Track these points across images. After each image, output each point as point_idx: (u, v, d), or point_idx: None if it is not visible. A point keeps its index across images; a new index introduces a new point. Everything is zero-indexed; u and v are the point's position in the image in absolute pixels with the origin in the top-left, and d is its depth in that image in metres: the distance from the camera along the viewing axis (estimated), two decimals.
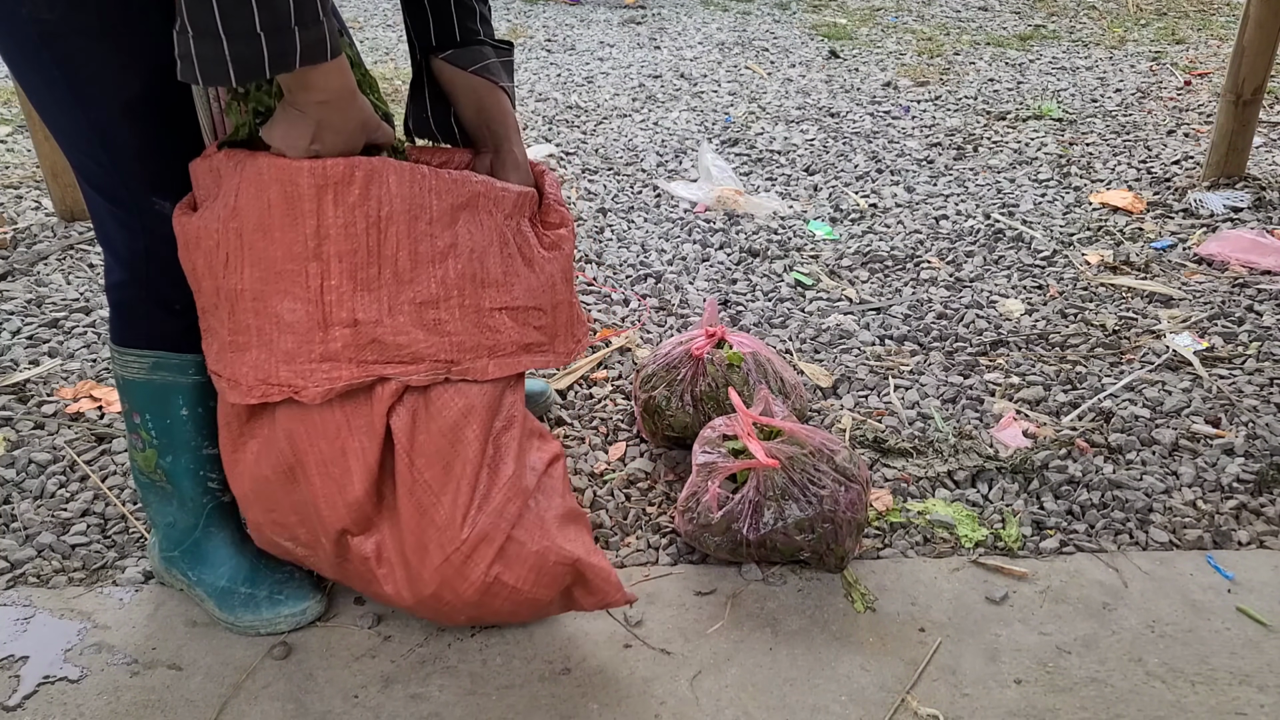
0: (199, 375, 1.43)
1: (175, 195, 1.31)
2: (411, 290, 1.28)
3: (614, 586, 1.41)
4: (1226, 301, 2.46)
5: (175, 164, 1.30)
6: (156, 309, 1.39)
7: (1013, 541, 1.69)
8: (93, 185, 1.33)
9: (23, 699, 1.40)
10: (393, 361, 1.28)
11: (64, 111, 1.26)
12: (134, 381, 1.43)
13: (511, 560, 1.35)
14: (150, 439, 1.46)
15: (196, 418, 1.46)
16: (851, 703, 1.40)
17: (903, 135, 3.67)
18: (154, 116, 1.27)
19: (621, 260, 2.75)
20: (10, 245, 2.75)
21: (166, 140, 1.29)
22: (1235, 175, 3.11)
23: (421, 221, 1.27)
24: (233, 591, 1.51)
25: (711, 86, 4.30)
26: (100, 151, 1.28)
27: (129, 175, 1.29)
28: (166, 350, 1.40)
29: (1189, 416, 2.03)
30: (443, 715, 1.38)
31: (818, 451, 1.62)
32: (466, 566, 1.33)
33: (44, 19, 1.18)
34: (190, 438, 1.47)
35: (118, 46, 1.22)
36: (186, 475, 1.49)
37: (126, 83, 1.23)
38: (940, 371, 2.20)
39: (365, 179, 1.23)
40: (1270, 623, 1.53)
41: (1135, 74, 4.35)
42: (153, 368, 1.41)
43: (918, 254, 2.76)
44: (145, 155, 1.28)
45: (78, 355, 2.25)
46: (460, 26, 1.47)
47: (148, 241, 1.33)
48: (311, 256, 1.24)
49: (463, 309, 1.31)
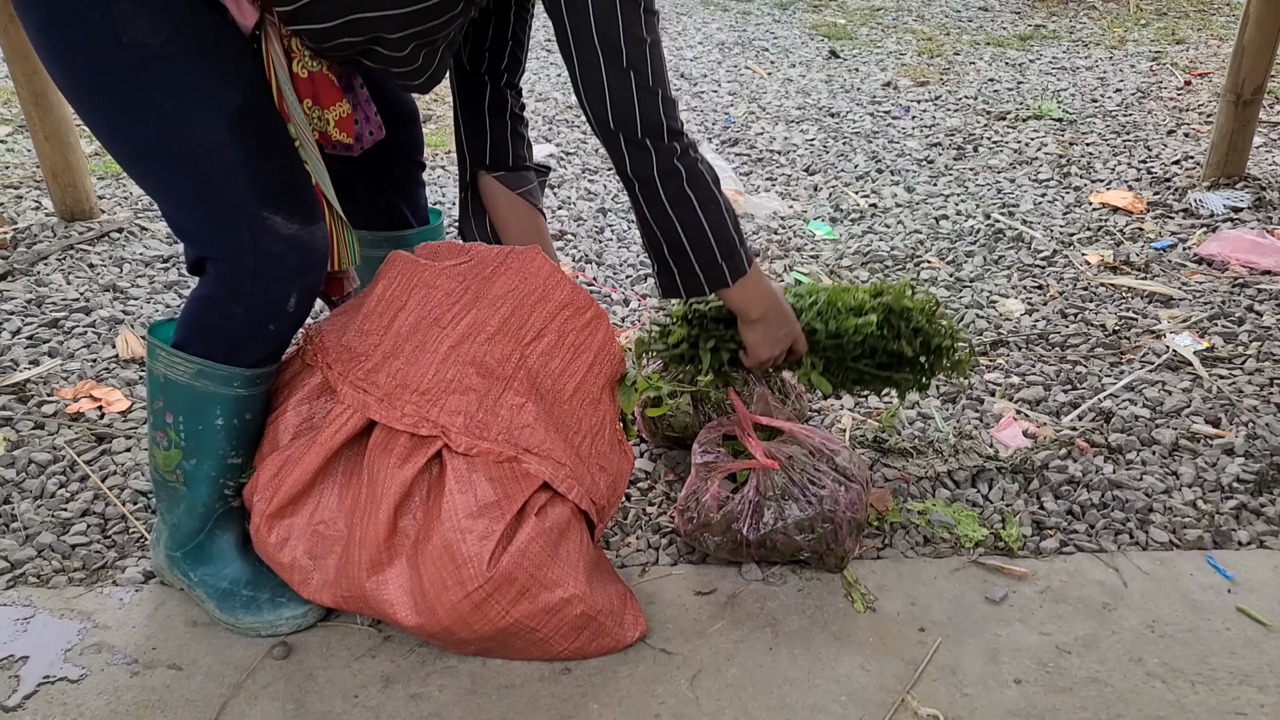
0: (243, 388, 1.45)
1: (284, 211, 1.35)
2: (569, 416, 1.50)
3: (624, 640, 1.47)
4: (1226, 301, 2.46)
5: (279, 178, 1.36)
6: (253, 331, 1.41)
7: (1013, 541, 1.69)
8: (195, 210, 1.35)
9: (23, 699, 1.40)
10: (535, 454, 1.44)
11: (170, 133, 1.29)
12: (175, 383, 1.43)
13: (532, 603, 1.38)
14: (178, 439, 1.46)
15: (231, 429, 1.47)
16: (851, 703, 1.40)
17: (903, 135, 3.67)
18: (256, 128, 1.33)
19: (621, 260, 2.75)
20: (10, 245, 2.75)
21: (269, 152, 1.35)
22: (1235, 175, 3.11)
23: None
24: (234, 594, 1.51)
25: (711, 86, 4.30)
26: (209, 171, 1.31)
27: (240, 187, 1.32)
28: (215, 361, 1.41)
29: (1189, 416, 2.03)
30: (443, 715, 1.38)
31: (818, 451, 1.62)
32: (486, 605, 1.37)
33: (148, 44, 1.24)
34: (219, 446, 1.47)
35: (219, 63, 1.30)
36: (205, 481, 1.49)
37: (229, 96, 1.29)
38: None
39: (595, 315, 1.51)
40: (1270, 623, 1.53)
41: (1135, 74, 4.35)
42: (196, 374, 1.42)
43: (918, 254, 2.76)
44: (252, 166, 1.32)
45: (78, 355, 2.25)
46: (514, 154, 1.66)
47: (257, 259, 1.35)
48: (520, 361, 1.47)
49: (596, 444, 1.52)
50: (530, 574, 1.38)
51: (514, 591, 1.37)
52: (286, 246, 1.36)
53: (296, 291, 1.40)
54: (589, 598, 1.42)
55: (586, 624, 1.42)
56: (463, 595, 1.36)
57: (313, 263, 1.40)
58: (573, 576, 1.41)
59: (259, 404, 1.50)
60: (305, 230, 1.37)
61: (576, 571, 1.42)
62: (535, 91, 4.24)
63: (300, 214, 1.37)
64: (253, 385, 1.46)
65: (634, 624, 1.49)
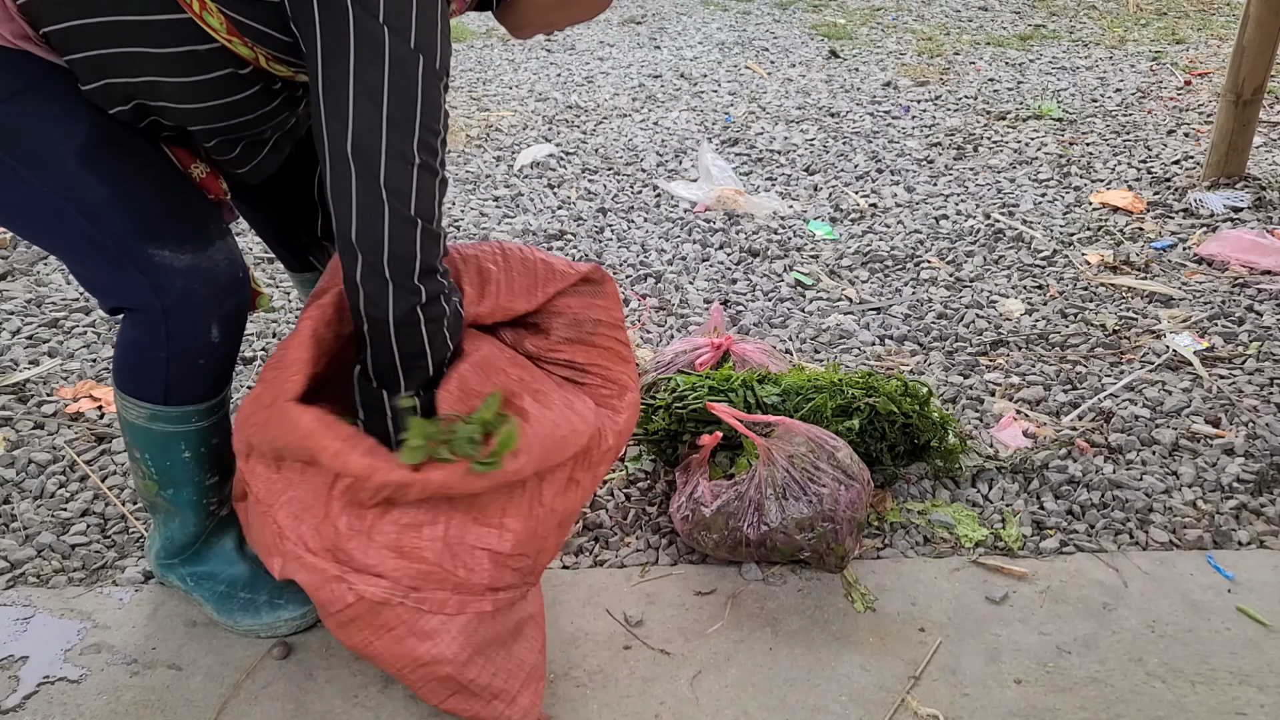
0: (201, 420, 1.40)
1: (171, 242, 1.25)
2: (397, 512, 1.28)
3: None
4: (1226, 301, 2.46)
5: (153, 206, 1.25)
6: (183, 370, 1.33)
7: (1013, 541, 1.69)
8: (87, 261, 1.27)
9: (23, 699, 1.40)
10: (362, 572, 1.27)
11: (24, 195, 1.21)
12: (134, 425, 1.39)
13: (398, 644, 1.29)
14: (150, 473, 1.44)
15: (199, 456, 1.44)
16: (851, 703, 1.40)
17: (903, 135, 3.67)
18: (113, 156, 1.23)
19: (621, 260, 2.75)
20: (10, 245, 2.75)
21: (135, 180, 1.25)
22: (1235, 175, 3.11)
23: None
24: (232, 596, 1.51)
25: (711, 86, 4.30)
26: (78, 218, 1.21)
27: (115, 228, 1.23)
28: (165, 405, 1.36)
29: (1189, 416, 2.03)
30: (442, 716, 1.38)
31: (819, 449, 1.62)
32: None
33: None
34: (193, 474, 1.45)
35: (50, 96, 1.19)
36: (188, 505, 1.48)
37: (75, 130, 1.20)
38: (940, 371, 2.20)
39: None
40: (1270, 623, 1.53)
41: (1135, 74, 4.35)
42: (150, 418, 1.37)
43: (918, 254, 2.76)
44: (118, 202, 1.23)
45: (78, 355, 2.25)
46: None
47: (161, 300, 1.26)
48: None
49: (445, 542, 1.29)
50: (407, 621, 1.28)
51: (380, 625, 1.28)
52: (188, 280, 1.26)
53: (216, 322, 1.31)
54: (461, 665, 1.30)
55: (456, 689, 1.32)
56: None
57: (223, 290, 1.30)
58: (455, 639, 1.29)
59: (224, 426, 1.46)
60: (201, 257, 1.27)
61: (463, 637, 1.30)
62: (535, 92, 4.24)
63: (190, 240, 1.26)
64: (210, 415, 1.41)
65: (528, 708, 1.34)
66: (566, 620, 1.54)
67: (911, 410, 1.78)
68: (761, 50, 4.87)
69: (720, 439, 1.69)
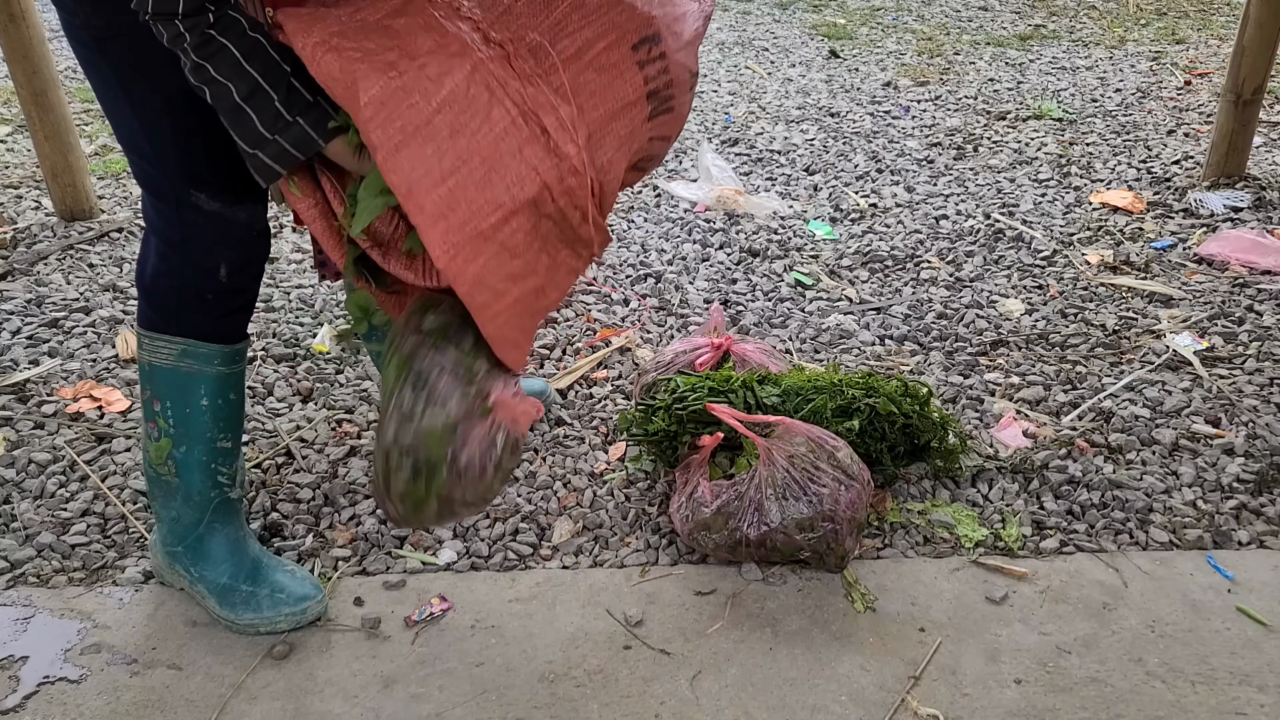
0: (224, 366, 1.50)
1: (209, 189, 1.40)
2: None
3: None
4: (1226, 301, 2.46)
5: (209, 160, 1.39)
6: (190, 298, 1.47)
7: (1013, 541, 1.69)
8: (140, 178, 1.45)
9: (23, 699, 1.40)
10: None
11: (118, 107, 1.39)
12: (160, 368, 1.49)
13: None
14: (167, 427, 1.50)
15: (215, 409, 1.51)
16: (851, 703, 1.40)
17: (903, 135, 3.67)
18: (192, 112, 1.34)
19: (621, 260, 2.75)
20: (10, 245, 2.75)
21: (201, 135, 1.37)
22: (1235, 175, 3.11)
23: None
24: (234, 589, 1.52)
25: (711, 86, 4.30)
26: (145, 145, 1.39)
27: (169, 166, 1.39)
28: (195, 339, 1.47)
29: (1189, 416, 2.03)
30: (443, 715, 1.38)
31: (819, 449, 1.62)
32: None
33: (95, 24, 1.31)
34: (207, 428, 1.51)
35: (161, 46, 1.30)
36: (197, 468, 1.52)
37: (168, 79, 1.31)
38: (940, 371, 2.20)
39: None
40: (1270, 623, 1.53)
41: (1135, 74, 4.35)
42: (180, 355, 1.48)
43: (918, 254, 2.76)
44: (182, 146, 1.38)
45: (78, 355, 2.25)
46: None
47: (184, 233, 1.42)
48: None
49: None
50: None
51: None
52: (210, 220, 1.42)
53: (224, 263, 1.45)
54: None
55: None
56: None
57: (232, 239, 1.45)
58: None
59: (240, 383, 1.56)
60: (227, 209, 1.42)
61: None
62: None
63: (226, 193, 1.41)
64: (232, 363, 1.52)
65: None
66: (566, 620, 1.54)
67: (911, 410, 1.78)
68: (761, 50, 4.87)
69: (721, 439, 1.69)
